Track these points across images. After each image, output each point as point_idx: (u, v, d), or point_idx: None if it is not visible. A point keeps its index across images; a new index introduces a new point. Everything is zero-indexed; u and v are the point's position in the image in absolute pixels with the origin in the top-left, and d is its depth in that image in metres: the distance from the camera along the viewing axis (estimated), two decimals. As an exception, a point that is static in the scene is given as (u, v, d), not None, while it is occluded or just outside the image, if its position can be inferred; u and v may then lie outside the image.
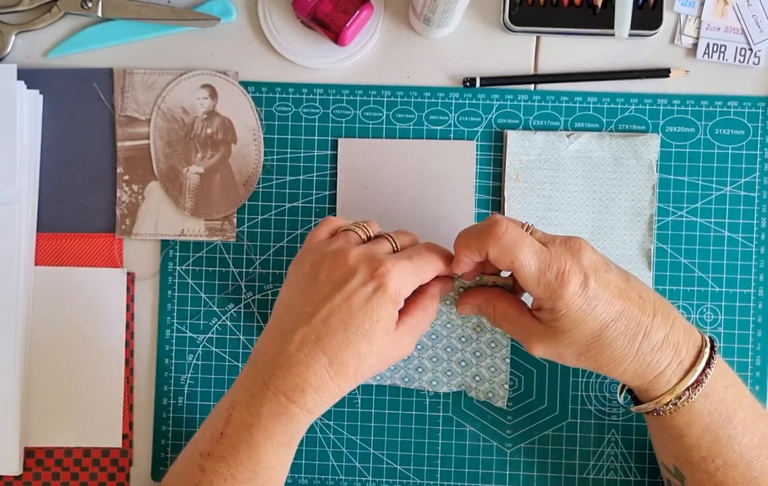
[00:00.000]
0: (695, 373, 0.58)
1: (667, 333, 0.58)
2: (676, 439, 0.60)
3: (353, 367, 0.57)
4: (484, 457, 0.70)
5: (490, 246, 0.58)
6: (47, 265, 0.70)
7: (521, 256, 0.57)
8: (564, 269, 0.57)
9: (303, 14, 0.68)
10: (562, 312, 0.57)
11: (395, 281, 0.56)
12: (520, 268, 0.57)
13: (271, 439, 0.56)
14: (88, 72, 0.71)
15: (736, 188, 0.70)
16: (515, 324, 0.61)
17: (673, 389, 0.58)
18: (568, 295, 0.56)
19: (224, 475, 0.56)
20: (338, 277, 0.57)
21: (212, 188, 0.70)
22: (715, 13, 0.70)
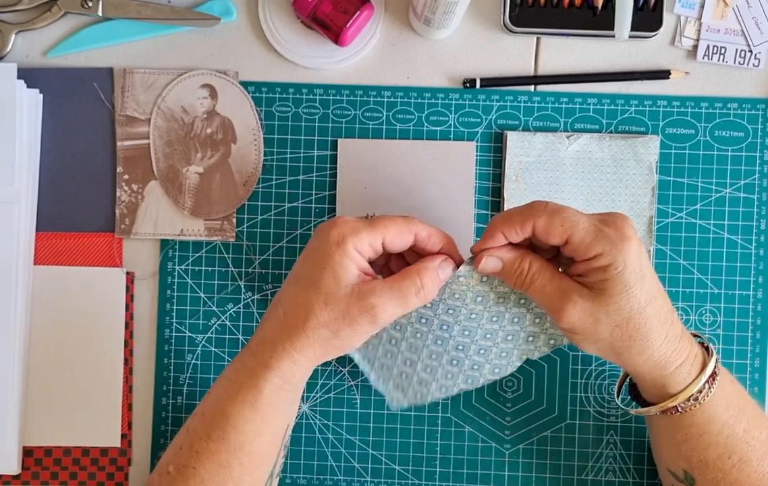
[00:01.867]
0: (711, 365, 0.58)
1: (683, 329, 0.58)
2: (693, 438, 0.59)
3: (302, 317, 0.57)
4: (482, 457, 0.70)
5: (537, 216, 0.56)
6: (46, 264, 0.70)
7: (570, 214, 0.55)
8: (621, 226, 0.55)
9: (303, 14, 0.68)
10: (619, 269, 0.55)
11: (338, 229, 0.57)
12: (574, 226, 0.55)
13: (238, 393, 0.58)
14: (88, 71, 0.71)
15: (735, 190, 0.70)
16: (552, 280, 0.57)
17: (693, 383, 0.57)
18: (628, 248, 0.55)
19: (200, 433, 0.58)
20: (308, 244, 0.59)
21: (212, 188, 0.70)
22: (715, 15, 0.70)
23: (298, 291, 0.58)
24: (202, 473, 0.57)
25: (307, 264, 0.58)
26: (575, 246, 0.56)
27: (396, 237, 0.58)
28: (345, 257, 0.57)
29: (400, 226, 0.58)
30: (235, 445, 0.57)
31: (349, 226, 0.57)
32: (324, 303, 0.57)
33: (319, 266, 0.57)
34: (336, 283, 0.57)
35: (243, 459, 0.58)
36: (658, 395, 0.60)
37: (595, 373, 0.70)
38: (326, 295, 0.57)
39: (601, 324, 0.56)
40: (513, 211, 0.58)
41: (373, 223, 0.58)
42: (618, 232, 0.55)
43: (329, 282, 0.57)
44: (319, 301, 0.57)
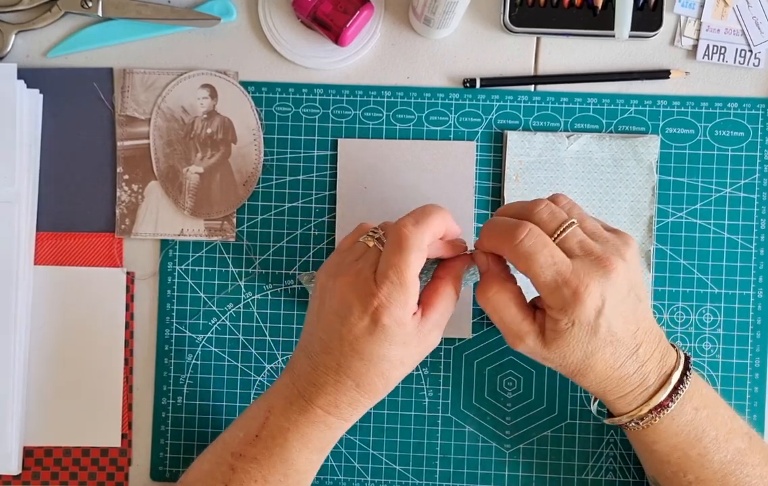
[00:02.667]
0: (658, 399, 0.58)
1: (642, 364, 0.58)
2: (646, 453, 0.62)
3: (381, 384, 0.58)
4: (483, 457, 0.70)
5: (506, 250, 0.57)
6: (47, 264, 0.70)
7: (534, 268, 0.55)
8: (581, 291, 0.55)
9: (303, 14, 0.68)
10: (567, 326, 0.56)
11: (390, 314, 0.55)
12: (534, 276, 0.56)
13: (307, 445, 0.58)
14: (88, 71, 0.71)
15: (735, 190, 0.70)
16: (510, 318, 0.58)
17: (634, 411, 0.59)
18: (576, 316, 0.55)
19: (255, 476, 0.57)
20: (338, 307, 0.56)
21: (212, 188, 0.70)
22: (715, 15, 0.70)
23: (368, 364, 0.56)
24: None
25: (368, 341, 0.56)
26: (536, 288, 0.57)
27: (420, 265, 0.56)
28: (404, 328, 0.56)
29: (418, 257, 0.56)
30: (293, 482, 0.58)
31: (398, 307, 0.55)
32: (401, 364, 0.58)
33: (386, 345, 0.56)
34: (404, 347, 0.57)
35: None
36: (612, 410, 0.62)
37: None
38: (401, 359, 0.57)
39: (547, 362, 0.59)
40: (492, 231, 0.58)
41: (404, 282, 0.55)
42: (574, 296, 0.55)
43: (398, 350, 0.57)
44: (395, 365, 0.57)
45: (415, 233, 0.56)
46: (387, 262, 0.55)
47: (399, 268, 0.55)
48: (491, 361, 0.71)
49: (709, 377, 0.70)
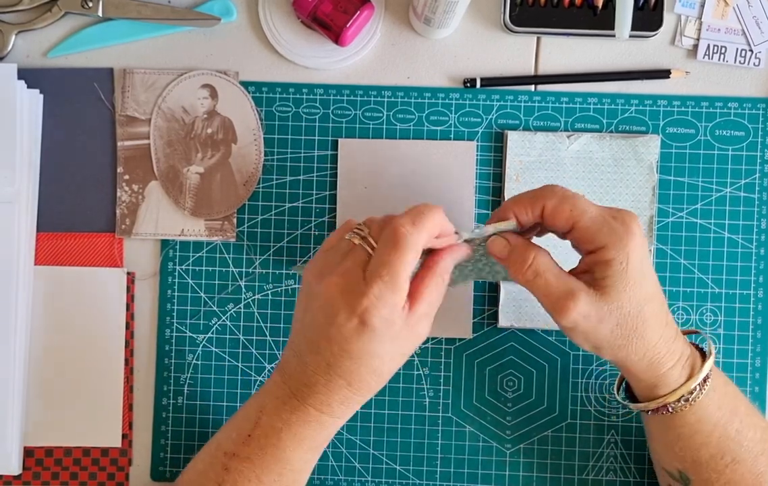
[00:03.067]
0: (706, 368, 0.58)
1: (677, 332, 0.58)
2: (685, 438, 0.60)
3: (374, 381, 0.57)
4: (483, 457, 0.70)
5: (547, 199, 0.56)
6: (47, 264, 0.70)
7: (579, 202, 0.55)
8: (627, 220, 0.55)
9: (303, 14, 0.68)
10: (623, 264, 0.54)
11: (378, 315, 0.54)
12: (582, 213, 0.55)
13: (301, 444, 0.57)
14: (89, 72, 0.71)
15: (736, 189, 0.70)
16: (558, 278, 0.56)
17: (685, 384, 0.58)
18: (633, 244, 0.55)
19: (249, 475, 0.57)
20: (325, 308, 0.55)
21: (212, 188, 0.70)
22: (716, 15, 0.70)
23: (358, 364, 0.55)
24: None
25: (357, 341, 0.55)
26: (580, 233, 0.56)
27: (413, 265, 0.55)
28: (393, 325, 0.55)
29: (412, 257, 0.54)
30: (288, 482, 0.58)
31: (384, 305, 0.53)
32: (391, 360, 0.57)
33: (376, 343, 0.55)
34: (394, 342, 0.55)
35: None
36: (650, 395, 0.60)
37: (595, 373, 0.70)
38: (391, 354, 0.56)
39: (603, 323, 0.56)
40: (525, 193, 0.58)
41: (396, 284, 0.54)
42: (624, 227, 0.55)
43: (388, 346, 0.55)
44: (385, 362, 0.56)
45: (412, 233, 0.54)
46: (381, 261, 0.54)
47: (394, 267, 0.53)
48: (492, 361, 0.71)
49: (710, 377, 0.70)
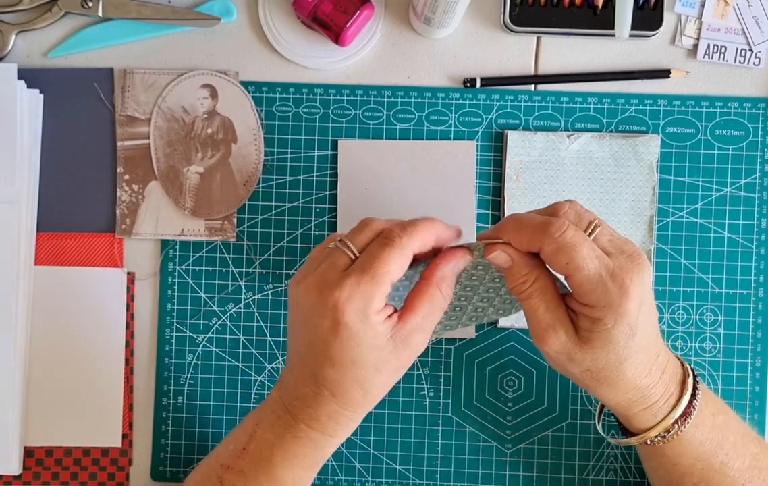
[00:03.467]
0: (681, 406, 0.57)
1: (664, 370, 0.57)
2: (666, 468, 0.59)
3: (359, 393, 0.55)
4: (483, 457, 0.70)
5: (545, 243, 0.53)
6: (47, 264, 0.70)
7: (578, 257, 0.52)
8: (627, 283, 0.52)
9: (303, 14, 0.68)
10: (607, 327, 0.53)
11: (350, 307, 0.52)
12: (577, 270, 0.52)
13: (292, 461, 0.56)
14: (89, 72, 0.71)
15: (736, 189, 0.70)
16: (548, 307, 0.55)
17: (661, 423, 0.57)
18: (623, 312, 0.52)
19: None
20: (304, 311, 0.54)
21: (212, 188, 0.70)
22: (716, 14, 0.70)
23: (340, 371, 0.54)
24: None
25: (333, 346, 0.53)
26: (573, 286, 0.54)
27: (400, 272, 0.54)
28: (374, 327, 0.53)
29: (399, 260, 0.53)
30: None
31: (360, 297, 0.52)
32: (376, 371, 0.54)
33: (353, 345, 0.53)
34: (378, 352, 0.53)
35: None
36: (629, 426, 0.59)
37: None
38: (375, 366, 0.54)
39: (574, 364, 0.56)
40: (529, 221, 0.55)
41: (376, 277, 0.52)
42: (620, 291, 0.52)
43: (372, 355, 0.53)
44: (370, 373, 0.54)
45: (402, 235, 0.53)
46: (364, 258, 0.53)
47: (375, 261, 0.52)
48: (492, 361, 0.71)
49: (710, 377, 0.70)
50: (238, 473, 0.56)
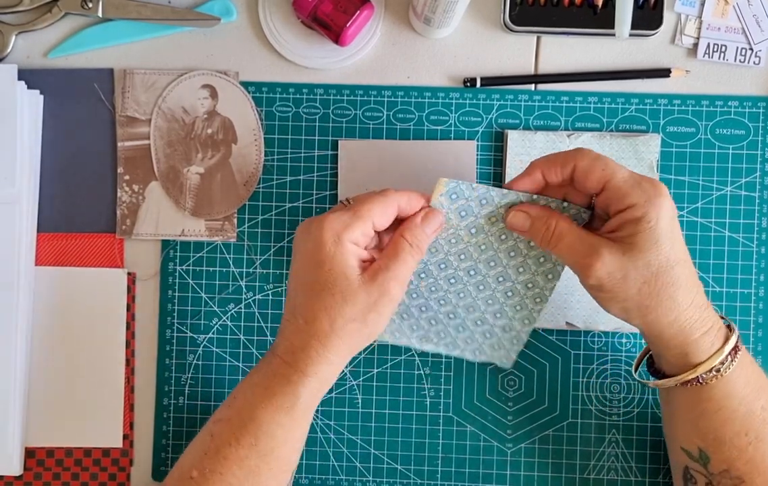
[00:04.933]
0: (733, 339, 0.58)
1: (708, 300, 0.58)
2: (709, 413, 0.59)
3: (327, 320, 0.57)
4: (484, 457, 0.70)
5: (578, 159, 0.57)
6: (48, 265, 0.70)
7: (611, 162, 0.56)
8: (658, 184, 0.56)
9: (303, 14, 0.68)
10: (652, 222, 0.55)
11: (328, 227, 0.57)
12: (614, 172, 0.56)
13: (271, 400, 0.58)
14: (89, 72, 0.71)
15: (736, 188, 0.70)
16: (580, 238, 0.58)
17: (717, 354, 0.58)
18: (663, 204, 0.56)
19: (229, 439, 0.58)
20: (295, 247, 0.60)
21: (213, 188, 0.71)
22: (716, 13, 0.70)
23: (311, 297, 0.58)
24: (229, 478, 0.57)
25: (309, 269, 0.58)
26: (611, 192, 0.57)
27: (382, 217, 0.59)
28: (346, 254, 0.57)
29: (383, 205, 0.59)
30: (265, 450, 0.58)
31: (340, 222, 0.58)
32: (343, 301, 0.57)
33: (325, 269, 0.58)
34: (347, 280, 0.57)
35: (272, 463, 0.58)
36: (680, 365, 0.59)
37: (596, 372, 0.70)
38: (342, 294, 0.57)
39: (629, 280, 0.56)
40: (554, 154, 0.59)
41: (358, 211, 0.58)
42: (654, 188, 0.56)
43: (340, 281, 0.57)
44: (337, 301, 0.57)
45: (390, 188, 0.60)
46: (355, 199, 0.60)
47: (362, 200, 0.59)
48: (492, 361, 0.71)
49: (711, 376, 0.70)
50: (226, 422, 0.59)
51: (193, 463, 0.59)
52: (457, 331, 0.67)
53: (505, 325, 0.66)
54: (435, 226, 0.60)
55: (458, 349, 0.68)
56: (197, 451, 0.59)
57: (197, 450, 0.59)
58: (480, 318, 0.66)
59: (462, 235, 0.63)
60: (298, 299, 0.59)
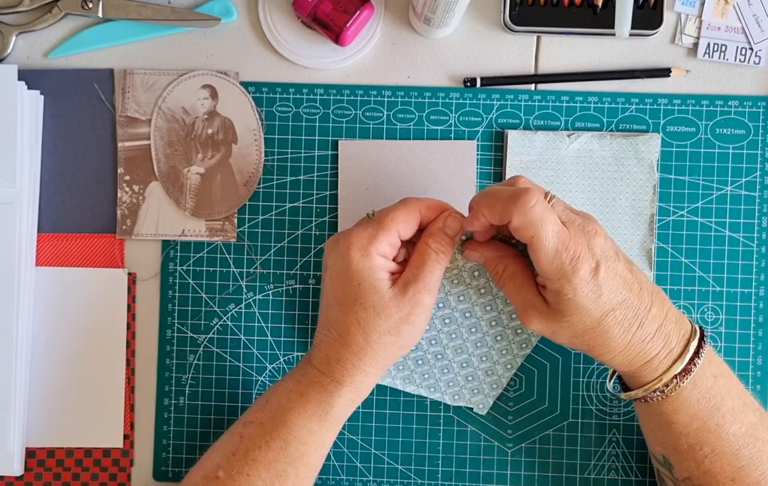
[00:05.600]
0: (683, 362, 0.58)
1: (661, 323, 0.58)
2: (664, 426, 0.60)
3: (360, 334, 0.59)
4: (485, 456, 0.70)
5: (515, 215, 0.56)
6: (48, 265, 0.70)
7: (542, 233, 0.56)
8: (578, 254, 0.56)
9: (303, 14, 0.68)
10: (568, 296, 0.56)
11: (355, 242, 0.59)
12: (539, 244, 0.56)
13: (305, 408, 0.59)
14: (89, 72, 0.71)
15: (736, 188, 0.70)
16: (519, 290, 0.60)
17: (661, 377, 0.58)
18: (577, 281, 0.56)
19: (259, 442, 0.59)
20: (325, 263, 0.62)
21: (213, 188, 0.71)
22: (716, 13, 0.70)
23: (345, 312, 0.59)
24: (256, 481, 0.58)
25: (339, 284, 0.60)
26: (534, 260, 0.57)
27: (407, 225, 0.60)
28: (375, 268, 0.59)
29: (405, 213, 0.60)
30: (295, 455, 0.58)
31: (365, 235, 0.59)
32: (376, 315, 0.59)
33: (355, 283, 0.59)
34: (377, 294, 0.59)
35: (300, 469, 0.59)
36: (632, 383, 0.61)
37: (597, 372, 0.70)
38: (375, 308, 0.59)
39: (558, 336, 0.60)
40: (496, 197, 0.57)
41: (382, 223, 0.59)
42: (571, 263, 0.56)
43: (371, 295, 0.59)
44: (370, 316, 0.59)
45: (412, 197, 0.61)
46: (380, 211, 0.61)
47: (386, 211, 0.60)
48: (493, 361, 0.71)
49: (711, 375, 0.70)
50: (257, 425, 0.59)
51: (219, 463, 0.59)
52: (442, 372, 0.68)
53: (489, 368, 0.68)
54: (457, 229, 0.61)
55: (439, 392, 0.68)
56: (225, 451, 0.59)
57: (225, 451, 0.59)
58: (466, 360, 0.67)
59: (464, 276, 0.65)
60: (332, 313, 0.60)
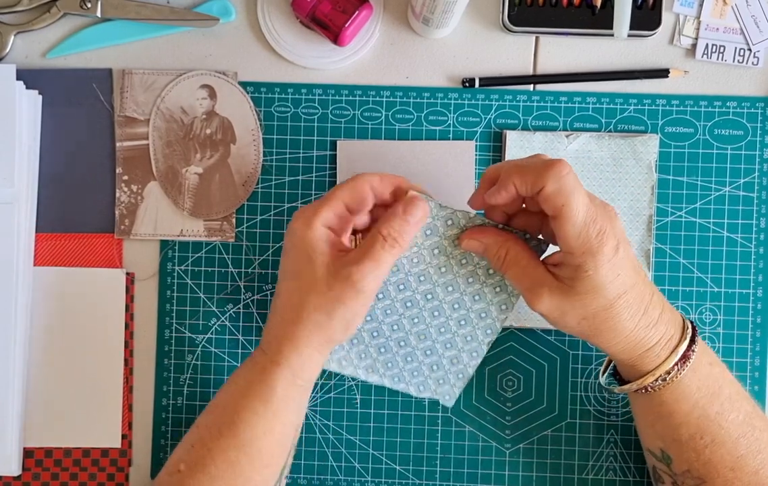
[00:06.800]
0: (681, 349, 0.58)
1: (661, 311, 0.59)
2: (664, 417, 0.60)
3: (292, 308, 0.58)
4: (483, 457, 0.70)
5: (550, 181, 0.55)
6: (46, 265, 0.70)
7: (574, 202, 0.55)
8: (605, 230, 0.55)
9: (302, 14, 0.68)
10: (589, 273, 0.55)
11: (300, 213, 0.59)
12: (569, 213, 0.55)
13: (249, 389, 0.59)
14: (87, 72, 0.71)
15: (735, 188, 0.70)
16: (525, 271, 0.59)
17: (663, 364, 0.58)
18: (601, 257, 0.55)
19: (212, 429, 0.59)
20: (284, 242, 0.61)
21: (211, 188, 0.71)
22: (714, 14, 0.70)
23: (286, 286, 0.59)
24: (212, 470, 0.58)
25: (287, 259, 0.60)
26: (558, 230, 0.56)
27: (354, 197, 0.59)
28: (315, 239, 0.58)
29: (351, 183, 0.59)
30: (244, 440, 0.58)
31: (310, 207, 0.59)
32: (308, 290, 0.58)
33: (295, 256, 0.59)
34: (312, 266, 0.58)
35: (253, 455, 0.58)
36: (631, 374, 0.61)
37: (595, 372, 0.70)
38: (308, 282, 0.58)
39: (567, 317, 0.58)
40: (528, 164, 0.57)
41: (327, 194, 0.59)
42: (598, 237, 0.55)
43: (306, 268, 0.58)
44: (303, 289, 0.58)
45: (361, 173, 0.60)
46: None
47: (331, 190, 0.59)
48: (491, 361, 0.71)
49: (709, 376, 0.70)
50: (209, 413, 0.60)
51: (181, 456, 0.60)
52: (405, 361, 0.66)
53: (453, 357, 0.66)
54: (418, 215, 0.59)
55: (403, 382, 0.67)
56: (186, 444, 0.60)
57: (186, 443, 0.60)
58: (430, 347, 0.65)
59: (424, 254, 0.63)
60: (279, 288, 0.60)
